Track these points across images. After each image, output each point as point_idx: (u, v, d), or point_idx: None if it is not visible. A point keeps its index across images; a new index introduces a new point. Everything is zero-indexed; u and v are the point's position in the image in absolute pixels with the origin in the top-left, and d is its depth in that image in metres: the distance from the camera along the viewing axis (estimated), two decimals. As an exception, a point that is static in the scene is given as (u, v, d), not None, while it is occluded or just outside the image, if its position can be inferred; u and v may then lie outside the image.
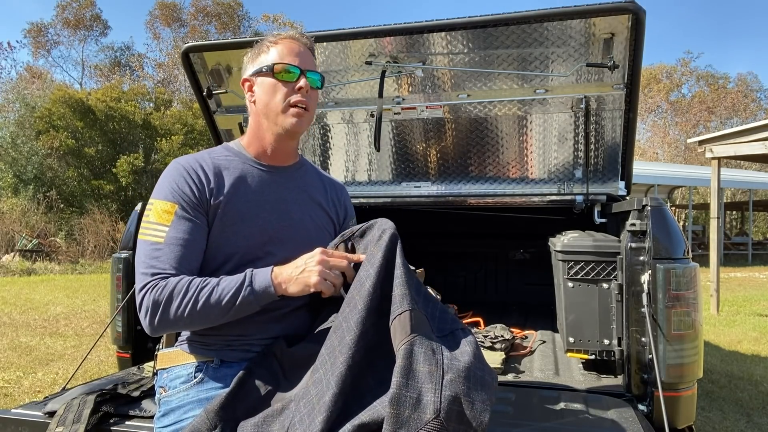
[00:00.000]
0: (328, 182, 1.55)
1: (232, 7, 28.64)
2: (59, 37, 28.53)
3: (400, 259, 1.15)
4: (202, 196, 1.29)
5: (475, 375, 1.04)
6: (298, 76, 1.32)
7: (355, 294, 1.13)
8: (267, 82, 1.33)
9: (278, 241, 1.34)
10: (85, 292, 8.36)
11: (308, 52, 1.38)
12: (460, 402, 0.98)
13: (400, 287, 1.11)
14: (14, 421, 1.52)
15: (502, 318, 2.85)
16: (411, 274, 1.16)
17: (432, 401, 0.96)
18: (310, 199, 1.44)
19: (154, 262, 1.22)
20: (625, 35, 2.07)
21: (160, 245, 1.23)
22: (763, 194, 22.44)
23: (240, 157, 1.38)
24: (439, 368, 1.01)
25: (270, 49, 1.35)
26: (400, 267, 1.14)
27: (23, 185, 14.84)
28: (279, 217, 1.36)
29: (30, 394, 3.56)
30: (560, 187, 2.72)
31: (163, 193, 1.29)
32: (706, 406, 3.39)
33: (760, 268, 14.17)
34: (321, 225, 1.45)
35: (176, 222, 1.25)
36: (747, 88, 32.83)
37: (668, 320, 1.63)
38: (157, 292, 1.19)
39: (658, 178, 16.20)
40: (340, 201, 1.55)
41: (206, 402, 1.23)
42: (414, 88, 2.52)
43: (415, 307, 1.09)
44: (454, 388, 0.99)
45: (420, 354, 1.02)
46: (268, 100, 1.33)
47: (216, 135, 2.89)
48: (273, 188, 1.38)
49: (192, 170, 1.31)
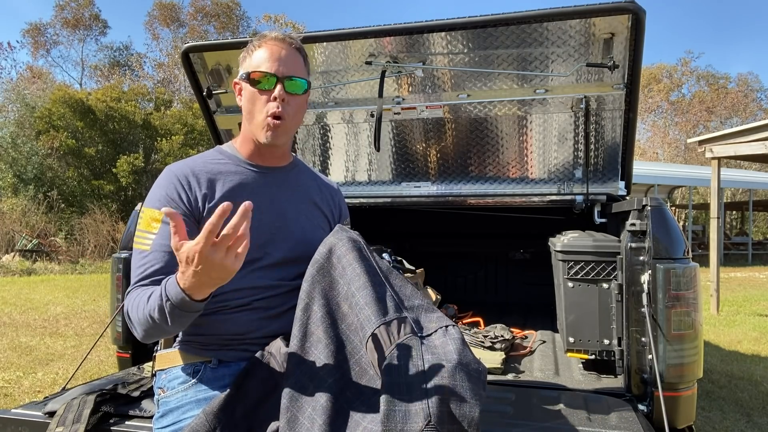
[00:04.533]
0: (322, 182, 1.55)
1: (231, 7, 28.63)
2: (58, 37, 28.53)
3: (362, 272, 1.17)
4: (193, 202, 1.28)
5: (461, 371, 1.03)
6: (274, 84, 1.29)
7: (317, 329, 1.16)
8: (247, 90, 1.32)
9: (275, 241, 1.34)
10: (85, 292, 8.36)
11: (294, 55, 1.33)
12: (448, 402, 0.99)
13: (367, 306, 1.12)
14: (14, 421, 1.52)
15: (502, 318, 2.86)
16: (381, 283, 1.17)
17: (422, 408, 0.97)
18: (304, 199, 1.44)
19: (139, 270, 1.23)
20: (625, 35, 2.07)
21: (146, 252, 1.23)
22: (763, 194, 22.45)
23: (233, 160, 1.38)
24: (420, 375, 1.02)
25: (253, 52, 1.32)
26: (363, 282, 1.15)
27: (23, 185, 14.83)
28: (274, 217, 1.36)
29: (30, 394, 3.56)
30: (560, 187, 2.72)
31: (152, 202, 1.29)
32: (706, 406, 3.39)
33: (760, 268, 14.17)
34: (317, 224, 1.44)
35: (163, 229, 1.24)
36: (747, 88, 32.82)
37: (668, 320, 1.63)
38: (128, 304, 1.20)
39: (658, 178, 16.20)
40: (335, 201, 1.55)
41: (205, 402, 1.23)
42: (414, 88, 2.52)
43: (387, 320, 1.10)
44: (440, 390, 0.99)
45: (400, 367, 1.03)
46: (248, 108, 1.33)
47: (216, 135, 2.89)
48: (267, 189, 1.38)
49: (183, 177, 1.30)
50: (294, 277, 1.34)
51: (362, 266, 1.17)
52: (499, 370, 2.07)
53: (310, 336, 1.15)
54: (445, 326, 1.15)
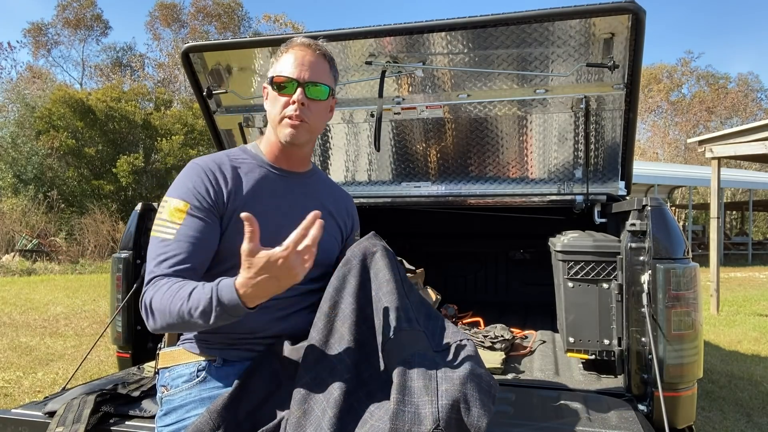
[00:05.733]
0: (338, 192, 1.58)
1: (232, 8, 28.63)
2: (59, 37, 28.54)
3: (391, 279, 1.21)
4: (219, 197, 1.30)
5: (472, 382, 1.07)
6: (294, 88, 1.32)
7: (340, 325, 1.19)
8: (271, 93, 1.37)
9: None
10: (85, 292, 8.36)
11: (320, 61, 1.35)
12: (458, 409, 1.01)
13: (391, 312, 1.16)
14: (14, 421, 1.52)
15: (502, 318, 2.86)
16: (404, 295, 1.22)
17: (431, 412, 0.99)
18: (321, 207, 1.45)
19: (161, 257, 1.23)
20: (625, 35, 2.07)
21: (170, 241, 1.25)
22: (763, 194, 22.45)
23: (257, 160, 1.41)
24: (433, 381, 1.05)
25: (281, 56, 1.36)
26: (392, 288, 1.19)
27: (23, 185, 14.83)
28: (292, 222, 1.36)
29: (30, 394, 3.56)
30: (560, 187, 2.72)
31: (178, 192, 1.30)
32: (706, 406, 3.39)
33: (760, 268, 14.17)
34: (331, 233, 1.47)
35: (188, 220, 1.26)
36: (747, 88, 32.82)
37: (668, 320, 1.63)
38: (152, 293, 1.20)
39: (658, 178, 16.20)
40: (349, 212, 1.58)
41: (208, 401, 1.23)
42: (414, 88, 2.53)
43: (408, 327, 1.14)
44: (450, 396, 1.02)
45: (414, 371, 1.06)
46: (270, 110, 1.37)
47: (216, 135, 2.90)
48: (287, 193, 1.40)
49: (210, 171, 1.32)
50: (303, 282, 1.35)
51: (391, 274, 1.22)
52: (499, 370, 2.07)
53: (334, 333, 1.19)
54: (460, 341, 1.21)
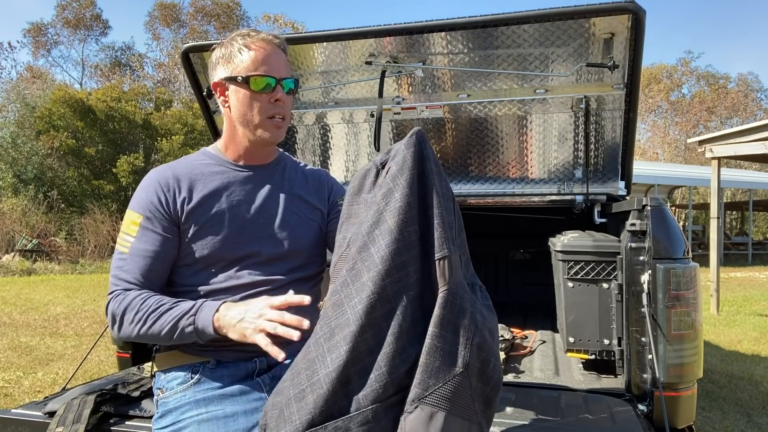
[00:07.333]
0: (308, 172, 1.53)
1: (231, 8, 28.63)
2: (59, 37, 28.49)
3: (436, 194, 1.08)
4: (172, 206, 1.30)
5: (492, 334, 1.04)
6: (273, 87, 1.30)
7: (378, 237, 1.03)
8: (242, 94, 1.30)
9: (260, 239, 1.35)
10: (85, 292, 8.36)
11: (281, 54, 1.33)
12: (483, 359, 0.99)
13: (439, 228, 1.03)
14: (14, 421, 1.52)
15: (502, 318, 2.85)
16: (447, 212, 1.09)
17: (462, 354, 0.97)
18: (290, 194, 1.43)
19: (117, 272, 1.27)
20: (625, 35, 2.07)
21: (125, 255, 1.28)
22: (763, 194, 22.43)
23: (216, 161, 1.39)
24: (472, 323, 1.01)
25: (242, 52, 1.29)
26: (437, 203, 1.07)
27: (23, 185, 14.83)
28: (258, 215, 1.36)
29: (30, 394, 3.56)
30: (560, 187, 2.72)
31: (133, 204, 1.32)
32: (706, 406, 3.39)
33: (760, 268, 14.17)
34: (304, 217, 1.43)
35: (141, 233, 1.28)
36: (747, 88, 32.81)
37: (668, 320, 1.63)
38: (116, 304, 1.24)
39: (658, 178, 16.19)
40: (323, 184, 1.52)
41: (203, 403, 1.24)
42: (414, 88, 2.52)
43: (453, 251, 1.03)
44: (480, 342, 0.99)
45: (456, 306, 1.00)
46: (245, 111, 1.31)
47: (216, 135, 2.89)
48: (251, 188, 1.38)
49: (163, 179, 1.32)
50: (285, 272, 1.36)
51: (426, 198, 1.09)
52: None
53: (356, 280, 1.02)
54: (479, 284, 1.16)
